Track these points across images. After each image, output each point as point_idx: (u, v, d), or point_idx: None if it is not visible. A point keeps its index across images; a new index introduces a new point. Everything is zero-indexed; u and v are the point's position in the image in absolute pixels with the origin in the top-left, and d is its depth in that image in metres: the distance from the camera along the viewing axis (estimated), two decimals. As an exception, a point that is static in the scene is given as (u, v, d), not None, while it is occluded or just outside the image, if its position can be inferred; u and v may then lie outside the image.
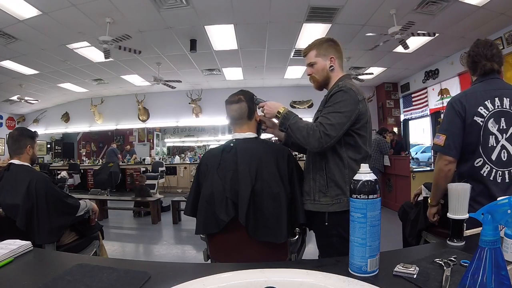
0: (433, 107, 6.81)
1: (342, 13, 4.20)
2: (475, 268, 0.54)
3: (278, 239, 1.24)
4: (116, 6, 3.88)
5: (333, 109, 1.20)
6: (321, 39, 1.38)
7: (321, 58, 1.35)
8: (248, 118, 1.39)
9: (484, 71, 1.40)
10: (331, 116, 1.18)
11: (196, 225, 1.32)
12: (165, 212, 5.24)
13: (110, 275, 0.75)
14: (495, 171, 1.33)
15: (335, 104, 1.20)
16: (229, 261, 1.25)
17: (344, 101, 1.20)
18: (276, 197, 1.25)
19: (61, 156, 10.79)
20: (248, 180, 1.25)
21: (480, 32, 4.50)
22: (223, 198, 1.25)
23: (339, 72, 1.37)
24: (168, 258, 3.24)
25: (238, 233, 1.26)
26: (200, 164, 1.42)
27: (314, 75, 1.38)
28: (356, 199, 0.73)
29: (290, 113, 1.28)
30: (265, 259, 1.27)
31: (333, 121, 1.17)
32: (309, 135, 1.17)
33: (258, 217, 1.23)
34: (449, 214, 0.94)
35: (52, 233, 1.70)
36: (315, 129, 1.17)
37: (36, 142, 1.90)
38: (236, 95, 1.40)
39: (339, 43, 1.39)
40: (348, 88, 1.22)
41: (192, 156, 10.02)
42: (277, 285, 0.64)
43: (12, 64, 5.72)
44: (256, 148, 1.33)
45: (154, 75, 6.53)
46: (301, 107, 8.70)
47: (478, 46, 1.45)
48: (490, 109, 1.34)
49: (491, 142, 1.33)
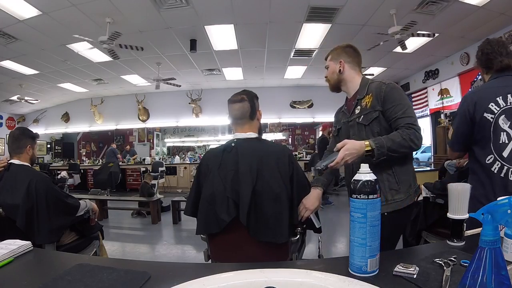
0: (433, 107, 6.81)
1: (342, 13, 4.20)
2: (475, 268, 0.54)
3: (278, 239, 1.24)
4: (116, 6, 3.88)
5: (403, 107, 1.25)
6: (340, 45, 1.47)
7: (333, 62, 1.44)
8: (250, 118, 1.38)
9: (501, 67, 1.40)
10: (410, 113, 1.26)
11: (196, 225, 1.32)
12: (165, 212, 5.23)
13: (110, 275, 0.75)
14: (507, 168, 1.31)
15: (402, 100, 1.27)
16: (230, 261, 1.25)
17: (403, 95, 1.30)
18: (277, 197, 1.25)
19: (61, 156, 10.80)
20: (249, 180, 1.24)
21: (480, 32, 4.50)
22: (224, 198, 1.25)
23: (353, 74, 1.42)
24: (168, 258, 3.24)
25: (239, 233, 1.25)
26: (200, 165, 1.42)
27: (328, 77, 1.47)
28: (356, 199, 0.73)
29: (378, 140, 1.19)
30: (266, 259, 1.26)
31: (415, 117, 1.26)
32: (411, 140, 1.19)
33: (259, 217, 1.23)
34: (449, 214, 0.94)
35: (52, 233, 1.70)
36: (410, 132, 1.20)
37: (36, 142, 1.91)
38: (239, 95, 1.39)
39: (356, 49, 1.47)
40: (394, 83, 1.32)
41: (192, 156, 10.02)
42: (277, 285, 0.64)
43: (12, 64, 5.72)
44: (257, 148, 1.33)
45: (154, 75, 6.54)
46: (301, 107, 8.71)
47: (491, 43, 1.45)
48: (501, 106, 1.33)
49: (503, 139, 1.32)
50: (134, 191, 7.65)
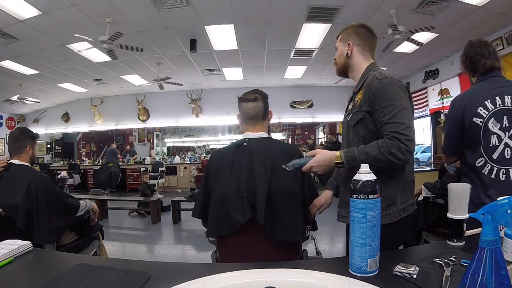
0: (433, 107, 6.81)
1: (342, 13, 4.20)
2: (475, 268, 0.54)
3: (294, 237, 1.25)
4: (116, 6, 3.88)
5: (394, 108, 1.04)
6: (353, 23, 1.28)
7: (342, 43, 1.28)
8: (262, 118, 1.37)
9: (485, 69, 1.40)
10: (401, 118, 1.03)
11: (207, 228, 1.30)
12: (165, 212, 5.24)
13: (110, 275, 0.75)
14: (497, 169, 1.32)
15: (392, 100, 1.05)
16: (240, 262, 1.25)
17: (397, 94, 1.06)
18: (291, 196, 1.25)
19: (61, 156, 10.80)
20: (265, 179, 1.23)
21: (480, 32, 4.50)
22: (237, 199, 1.23)
23: (361, 60, 1.24)
24: (168, 258, 3.23)
25: (249, 234, 1.24)
26: (209, 165, 1.37)
27: (336, 59, 1.32)
28: (356, 199, 0.73)
29: (349, 151, 1.06)
30: (276, 259, 1.25)
31: (407, 122, 1.02)
32: (391, 154, 1.00)
33: (274, 217, 1.22)
34: (449, 214, 0.94)
35: (52, 233, 1.70)
36: (393, 143, 1.00)
37: (36, 143, 1.91)
38: (252, 94, 1.36)
39: (371, 30, 1.28)
40: (390, 78, 1.09)
41: (192, 156, 10.02)
42: (277, 285, 0.64)
43: (12, 64, 5.72)
44: (269, 148, 1.31)
45: (154, 75, 6.54)
46: (301, 107, 8.71)
47: (473, 46, 1.45)
48: (490, 109, 1.34)
49: (493, 141, 1.33)
50: (134, 191, 7.66)
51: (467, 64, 1.48)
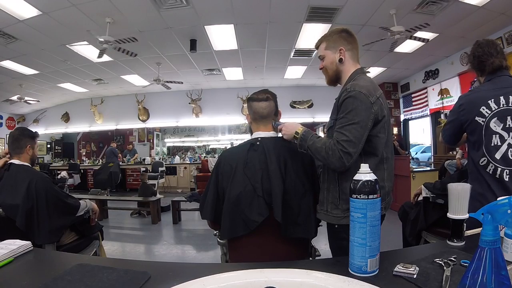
0: (433, 107, 6.81)
1: (342, 13, 4.20)
2: (475, 268, 0.54)
3: (309, 234, 1.26)
4: (116, 6, 3.88)
5: (346, 121, 1.08)
6: (333, 30, 1.28)
7: (330, 51, 1.26)
8: (273, 117, 1.41)
9: (493, 68, 1.40)
10: (347, 131, 1.07)
11: (221, 230, 1.28)
12: (165, 212, 5.23)
13: (110, 275, 0.75)
14: (501, 169, 1.32)
15: (348, 114, 1.09)
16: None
17: (356, 108, 1.08)
18: (305, 194, 1.26)
19: (61, 156, 10.80)
20: (280, 178, 1.24)
21: (480, 32, 4.50)
22: (254, 198, 1.22)
23: (351, 65, 1.25)
24: (168, 258, 3.23)
25: (261, 234, 1.24)
26: (220, 165, 1.34)
27: (326, 67, 1.30)
28: (356, 199, 0.73)
29: (307, 133, 1.18)
30: (288, 257, 1.26)
31: (350, 136, 1.06)
32: (329, 155, 1.08)
33: (289, 215, 1.22)
34: (449, 214, 0.94)
35: (52, 233, 1.70)
36: (333, 148, 1.07)
37: (36, 142, 1.90)
38: (263, 93, 1.38)
39: (352, 33, 1.27)
40: (357, 92, 1.09)
41: (192, 156, 10.02)
42: (277, 285, 0.64)
43: (12, 64, 5.72)
44: (282, 147, 1.32)
45: (154, 75, 6.53)
46: (301, 107, 8.71)
47: (481, 46, 1.45)
48: (493, 109, 1.34)
49: (495, 141, 1.33)
50: (134, 191, 7.65)
51: (475, 64, 1.48)
